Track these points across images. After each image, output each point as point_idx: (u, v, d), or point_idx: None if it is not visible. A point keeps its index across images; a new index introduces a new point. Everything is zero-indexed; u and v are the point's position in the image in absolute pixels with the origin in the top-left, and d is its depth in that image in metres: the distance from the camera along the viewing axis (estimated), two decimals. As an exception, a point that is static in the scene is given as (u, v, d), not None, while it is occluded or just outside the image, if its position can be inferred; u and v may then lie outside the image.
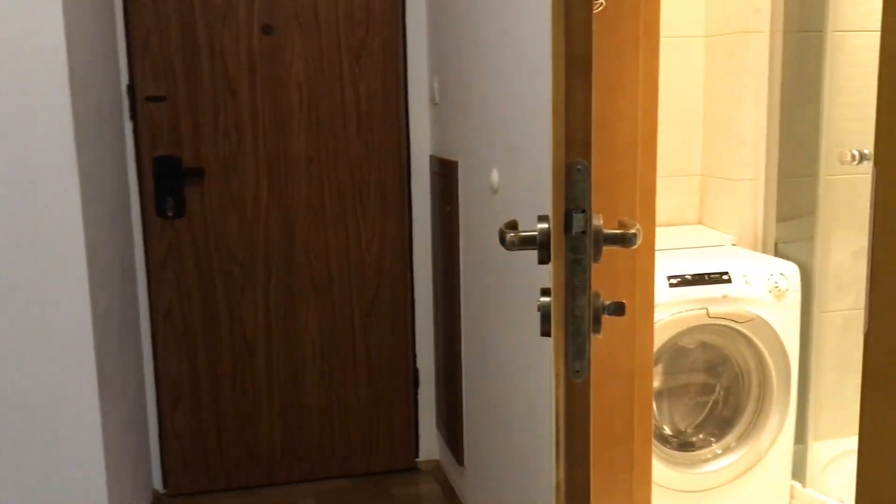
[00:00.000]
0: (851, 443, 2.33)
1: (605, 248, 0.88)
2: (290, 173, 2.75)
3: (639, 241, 0.90)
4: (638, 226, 0.91)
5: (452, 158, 2.52)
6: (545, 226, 0.87)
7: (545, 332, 0.89)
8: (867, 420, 0.86)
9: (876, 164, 0.82)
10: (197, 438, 2.82)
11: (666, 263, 2.14)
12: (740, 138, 2.46)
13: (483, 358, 2.35)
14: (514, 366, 2.06)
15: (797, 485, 2.31)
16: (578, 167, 0.82)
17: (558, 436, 0.89)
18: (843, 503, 2.20)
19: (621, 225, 0.91)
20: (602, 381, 1.72)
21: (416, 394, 2.99)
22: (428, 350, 2.97)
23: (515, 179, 1.97)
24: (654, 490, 1.81)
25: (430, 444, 3.03)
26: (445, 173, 2.59)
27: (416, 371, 2.97)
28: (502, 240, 0.91)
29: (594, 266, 0.86)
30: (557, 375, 0.87)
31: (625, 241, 0.88)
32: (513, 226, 0.93)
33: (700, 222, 2.68)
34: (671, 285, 2.12)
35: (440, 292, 2.78)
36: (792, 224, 2.40)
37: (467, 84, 2.32)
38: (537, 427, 1.92)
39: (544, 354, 1.86)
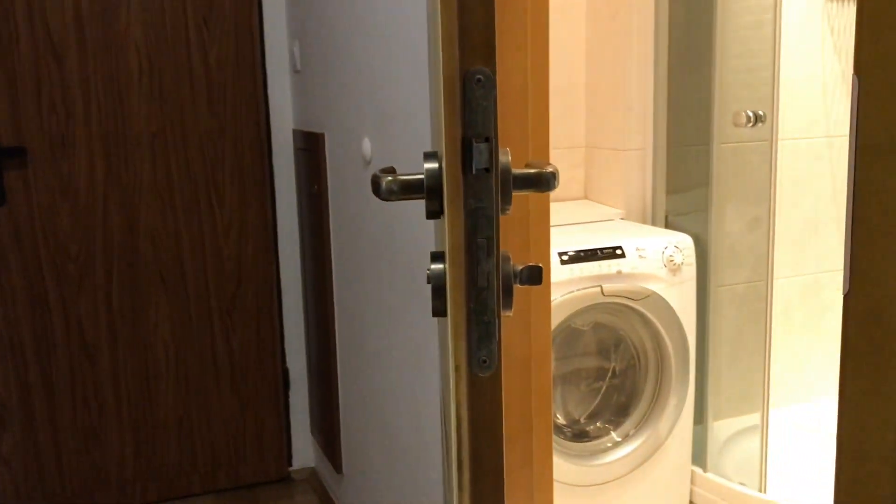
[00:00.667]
0: (749, 420, 2.23)
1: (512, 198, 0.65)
2: (130, 153, 2.40)
3: (556, 185, 0.68)
4: (554, 166, 0.69)
5: (318, 131, 2.25)
6: (433, 165, 0.64)
7: (438, 311, 0.65)
8: (848, 386, 0.68)
9: (857, 69, 0.64)
10: (31, 462, 2.43)
11: (554, 239, 1.96)
12: (626, 106, 2.31)
13: (361, 353, 2.10)
14: (397, 359, 1.83)
15: (698, 470, 2.19)
16: (479, 77, 0.59)
17: (460, 449, 0.66)
18: (743, 485, 2.09)
19: (530, 166, 0.68)
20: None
21: (286, 397, 2.70)
22: (299, 348, 2.69)
23: (391, 148, 1.73)
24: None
25: (304, 452, 2.75)
26: (311, 148, 2.31)
27: (285, 372, 2.69)
28: (377, 188, 0.67)
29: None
30: (457, 368, 0.64)
31: (540, 183, 0.66)
32: (390, 171, 0.68)
33: (586, 197, 2.52)
34: (562, 262, 1.94)
35: (310, 283, 2.50)
36: (683, 195, 2.28)
37: (333, 47, 2.05)
38: (425, 429, 1.70)
39: (433, 343, 1.63)
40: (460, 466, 0.66)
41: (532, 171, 0.65)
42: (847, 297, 0.66)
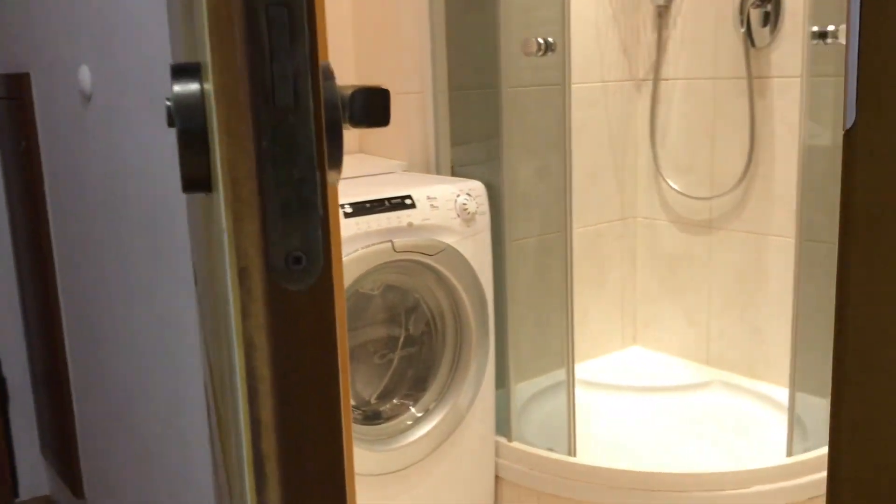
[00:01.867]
0: (551, 379, 2.08)
1: None
2: None
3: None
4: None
5: (21, 70, 1.77)
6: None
7: (194, 179, 0.33)
8: (846, 331, 0.45)
9: None
10: None
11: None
12: (400, 44, 2.06)
13: (99, 348, 1.66)
14: (146, 348, 1.43)
15: (502, 440, 2.00)
16: None
17: (256, 436, 0.34)
18: (552, 451, 1.93)
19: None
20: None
21: (5, 413, 2.16)
22: (17, 351, 2.16)
23: (118, 72, 1.33)
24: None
25: (34, 477, 2.23)
26: (13, 94, 1.82)
27: (2, 382, 2.15)
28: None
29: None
30: (243, 274, 0.32)
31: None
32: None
33: (360, 150, 2.24)
34: (346, 214, 1.65)
35: (25, 268, 2.00)
36: (470, 144, 2.07)
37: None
38: (186, 430, 1.33)
39: (192, 318, 1.27)
40: (259, 469, 0.35)
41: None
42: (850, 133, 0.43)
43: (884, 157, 0.42)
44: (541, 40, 1.75)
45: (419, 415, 1.85)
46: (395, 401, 1.87)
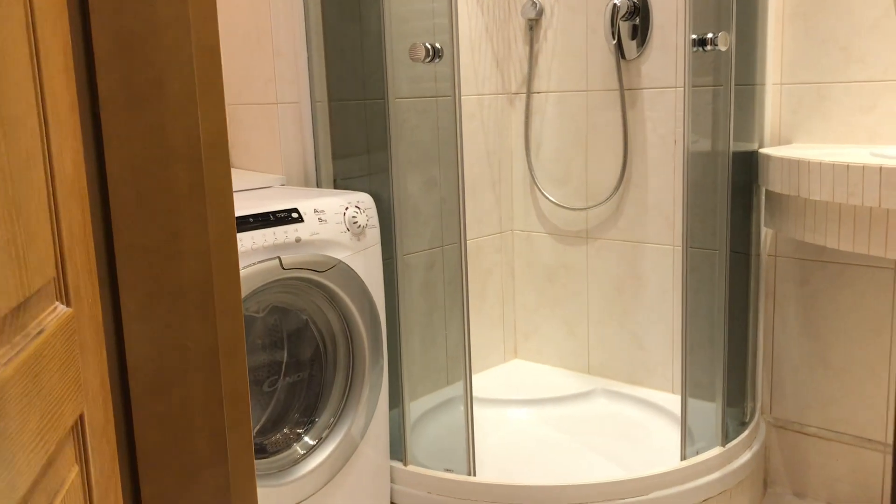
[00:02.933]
0: (439, 398, 2.01)
1: None
2: None
3: None
4: None
5: None
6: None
7: None
8: None
9: None
10: None
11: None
12: (275, 50, 1.94)
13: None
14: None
15: (397, 465, 1.90)
16: None
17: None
18: (450, 472, 1.86)
19: None
20: (172, 378, 1.06)
21: None
22: None
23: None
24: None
25: None
26: None
27: None
28: None
29: None
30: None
31: None
32: None
33: (232, 166, 2.09)
34: (231, 231, 1.51)
35: None
36: (355, 156, 1.97)
37: None
38: None
39: None
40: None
41: None
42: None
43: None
44: (428, 45, 1.69)
45: (312, 443, 1.73)
46: (284, 430, 1.74)
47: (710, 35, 1.76)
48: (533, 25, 2.45)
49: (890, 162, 1.49)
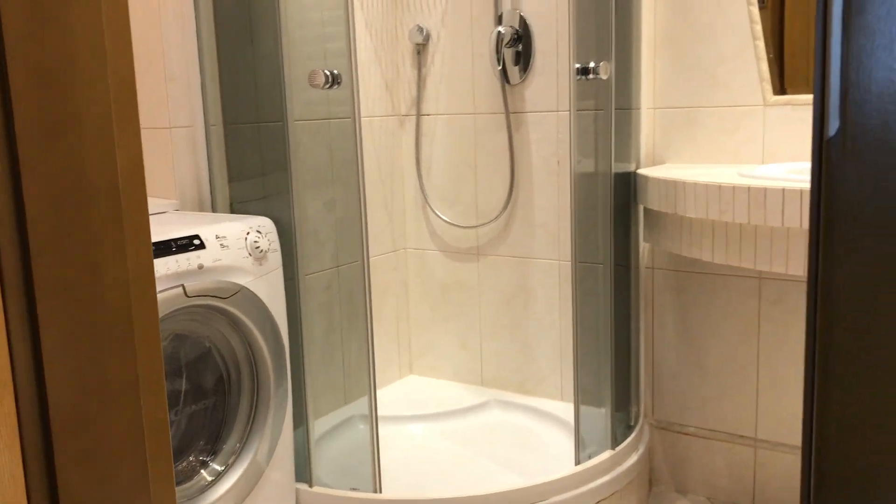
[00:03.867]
0: (340, 416, 2.03)
1: None
2: None
3: None
4: None
5: None
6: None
7: None
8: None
9: None
10: None
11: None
12: (167, 74, 1.92)
13: None
14: None
15: (303, 487, 1.91)
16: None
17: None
18: (357, 490, 1.88)
19: None
20: (94, 414, 1.05)
21: None
22: None
23: None
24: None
25: None
26: None
27: None
28: None
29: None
30: None
31: None
32: None
33: (121, 190, 2.05)
34: (133, 260, 1.49)
35: None
36: (251, 179, 1.97)
37: None
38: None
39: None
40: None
41: None
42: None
43: (865, 160, 0.46)
44: (327, 72, 1.72)
45: (220, 468, 1.71)
46: (190, 458, 1.71)
47: (592, 64, 1.88)
48: (420, 50, 2.52)
49: (756, 182, 1.64)
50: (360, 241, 1.80)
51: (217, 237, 1.65)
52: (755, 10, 2.01)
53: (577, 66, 1.87)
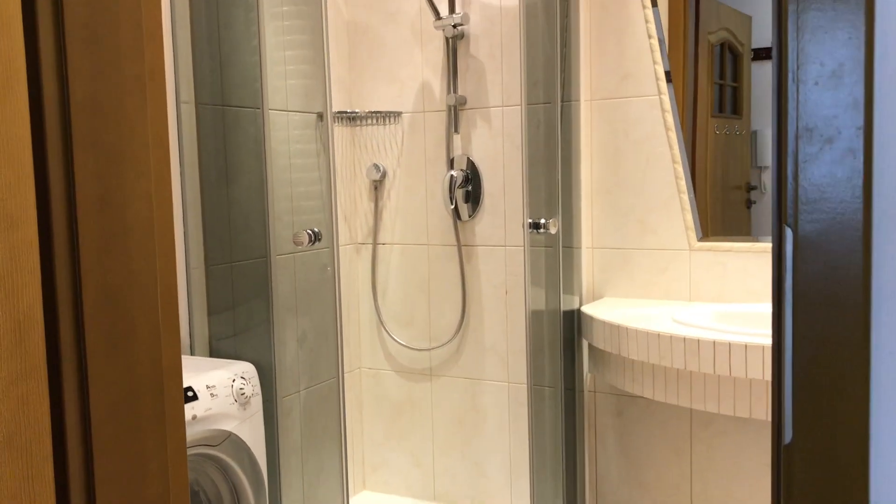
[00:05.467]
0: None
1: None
2: None
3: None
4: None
5: None
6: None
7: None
8: None
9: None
10: None
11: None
12: (151, 224, 2.05)
13: None
14: None
15: None
16: None
17: None
18: None
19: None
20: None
21: None
22: None
23: None
24: None
25: None
26: None
27: None
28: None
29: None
30: None
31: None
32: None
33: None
34: (137, 418, 1.60)
35: None
36: (230, 316, 2.10)
37: None
38: None
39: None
40: None
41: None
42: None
43: (821, 468, 0.67)
44: (310, 232, 1.90)
45: None
46: None
47: (542, 220, 2.12)
48: (377, 186, 2.72)
49: (690, 332, 1.88)
50: (336, 363, 1.95)
51: (208, 387, 1.78)
52: (680, 167, 2.30)
53: (530, 220, 2.11)
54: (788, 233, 0.61)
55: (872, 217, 0.61)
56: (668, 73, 2.29)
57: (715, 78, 2.33)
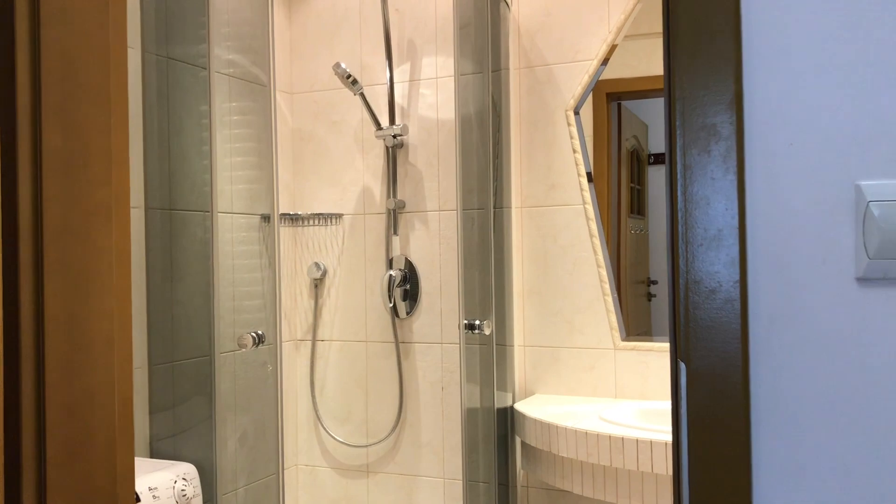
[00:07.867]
0: None
1: None
2: None
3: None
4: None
5: None
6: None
7: None
8: None
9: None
10: None
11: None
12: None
13: None
14: None
15: None
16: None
17: None
18: None
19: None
20: None
21: None
22: None
23: None
24: None
25: None
26: None
27: None
28: None
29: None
30: None
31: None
32: None
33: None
34: (79, 522, 1.61)
35: None
36: (168, 415, 2.13)
37: None
38: None
39: None
40: None
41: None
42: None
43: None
44: (254, 335, 1.97)
45: None
46: None
47: (477, 322, 2.24)
48: (318, 283, 2.81)
49: (616, 430, 2.00)
50: (277, 459, 1.99)
51: (150, 489, 1.80)
52: (604, 272, 2.46)
53: (465, 321, 2.22)
54: (682, 367, 0.74)
55: (749, 353, 0.74)
56: (590, 175, 2.48)
57: (630, 181, 2.53)
